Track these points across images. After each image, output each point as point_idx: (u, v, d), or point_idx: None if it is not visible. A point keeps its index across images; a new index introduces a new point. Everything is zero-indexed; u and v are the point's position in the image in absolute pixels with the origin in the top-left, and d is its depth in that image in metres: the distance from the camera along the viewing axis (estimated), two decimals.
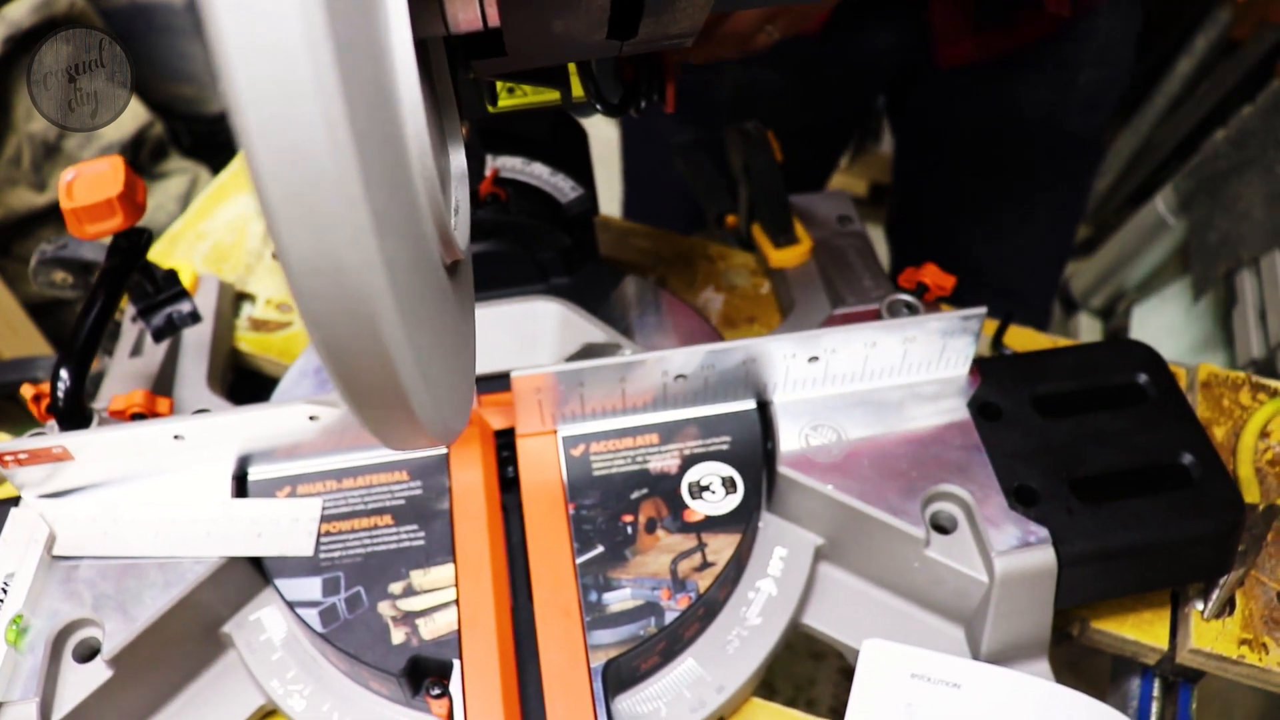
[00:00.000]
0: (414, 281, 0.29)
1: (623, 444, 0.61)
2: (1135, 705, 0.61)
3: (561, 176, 0.69)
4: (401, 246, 0.27)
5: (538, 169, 0.68)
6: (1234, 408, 0.69)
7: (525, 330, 0.69)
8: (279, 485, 0.60)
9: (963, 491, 0.57)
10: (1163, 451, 0.59)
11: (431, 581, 0.56)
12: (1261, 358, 1.19)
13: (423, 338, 0.29)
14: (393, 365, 0.26)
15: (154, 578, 0.56)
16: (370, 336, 0.25)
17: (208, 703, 0.58)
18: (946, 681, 0.54)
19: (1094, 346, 0.65)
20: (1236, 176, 1.30)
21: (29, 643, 0.53)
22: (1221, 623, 0.58)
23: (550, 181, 0.68)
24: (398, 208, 0.27)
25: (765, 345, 0.59)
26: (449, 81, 0.38)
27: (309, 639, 0.57)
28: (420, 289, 0.30)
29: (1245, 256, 1.25)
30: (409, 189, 0.29)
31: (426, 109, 0.30)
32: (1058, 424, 0.60)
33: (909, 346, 0.60)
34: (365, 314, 0.24)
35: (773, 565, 0.60)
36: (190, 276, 0.77)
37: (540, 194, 0.70)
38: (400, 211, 0.28)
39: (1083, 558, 0.54)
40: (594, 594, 0.55)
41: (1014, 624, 0.56)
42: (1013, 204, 1.07)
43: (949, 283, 0.69)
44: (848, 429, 0.61)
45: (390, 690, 0.55)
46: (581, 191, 0.69)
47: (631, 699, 0.55)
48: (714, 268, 0.81)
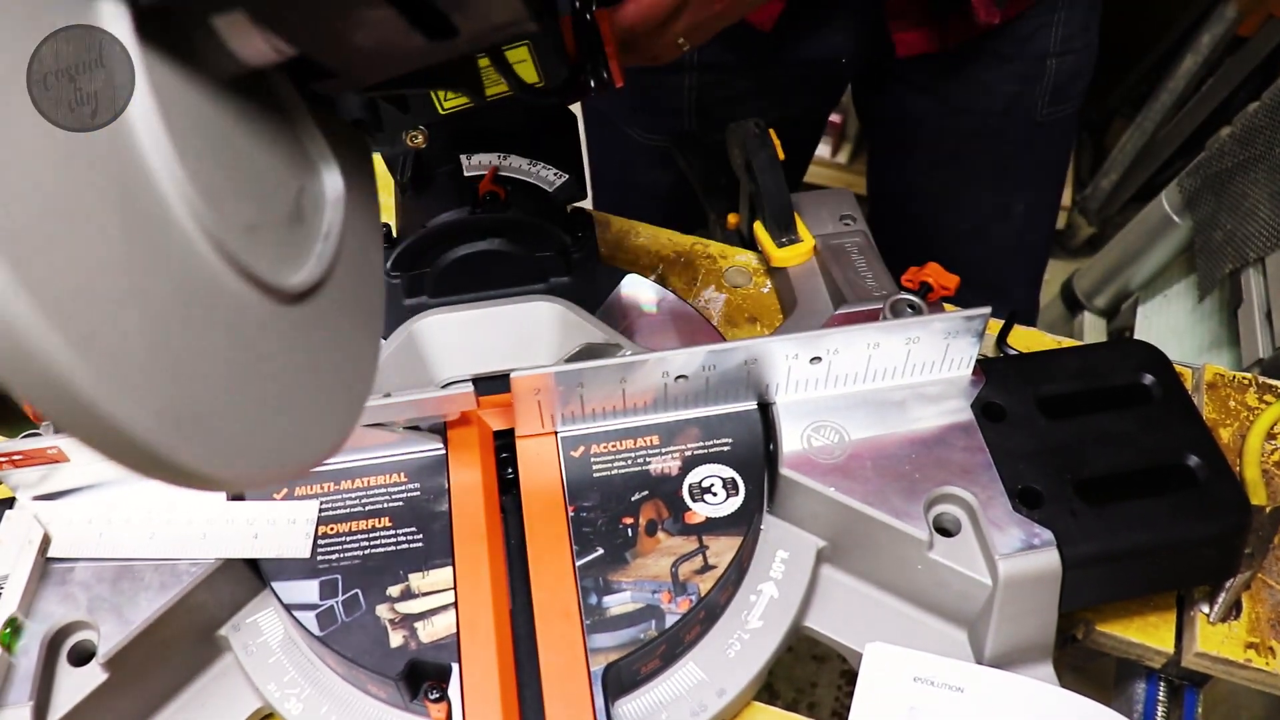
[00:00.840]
0: (174, 322, 0.27)
1: (623, 445, 0.61)
2: (1140, 709, 0.60)
3: (542, 166, 0.67)
4: (134, 291, 0.26)
5: (515, 162, 0.67)
6: (1240, 409, 0.68)
7: (524, 330, 0.68)
8: (275, 487, 0.60)
9: (966, 493, 0.56)
10: (1168, 453, 0.58)
11: (430, 584, 0.56)
12: (1267, 357, 1.18)
13: (192, 382, 0.27)
14: (105, 420, 0.24)
15: (150, 580, 0.55)
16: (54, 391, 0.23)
17: (204, 706, 0.58)
18: (950, 685, 0.54)
19: (1099, 347, 0.64)
20: (1242, 174, 1.29)
21: (23, 646, 0.53)
22: (1228, 626, 0.58)
23: (530, 172, 0.67)
24: (121, 257, 0.26)
25: (767, 345, 0.58)
26: (301, 105, 0.37)
27: (306, 642, 0.56)
28: (196, 330, 0.28)
29: (1251, 255, 1.24)
30: (149, 238, 0.28)
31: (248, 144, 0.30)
32: (1062, 425, 0.59)
33: (912, 347, 0.60)
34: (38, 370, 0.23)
35: (774, 568, 0.59)
36: None
37: (538, 191, 0.69)
38: (130, 260, 0.26)
39: (1087, 560, 0.54)
40: (594, 597, 0.55)
41: (1018, 627, 0.55)
42: (988, 198, 1.07)
43: (952, 282, 0.68)
44: (850, 430, 0.60)
45: (388, 694, 0.54)
46: (566, 178, 0.68)
47: (632, 703, 0.55)
48: (715, 267, 0.81)
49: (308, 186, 0.37)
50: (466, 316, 0.68)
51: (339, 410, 0.36)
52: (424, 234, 0.67)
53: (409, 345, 0.67)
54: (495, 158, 0.67)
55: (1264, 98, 1.29)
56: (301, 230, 0.35)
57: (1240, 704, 1.37)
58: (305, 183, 0.37)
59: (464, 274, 0.69)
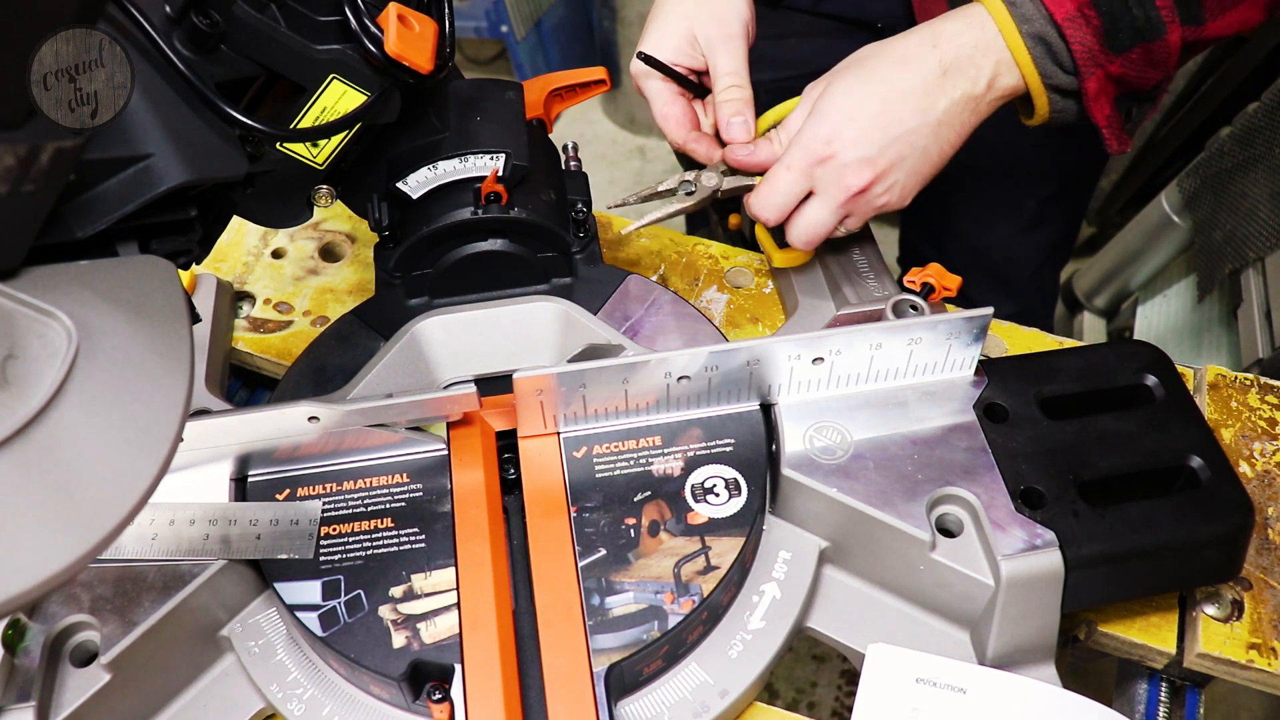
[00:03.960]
0: None
1: (625, 446, 0.61)
2: (1142, 710, 0.60)
3: (475, 157, 0.66)
4: None
5: (446, 167, 0.67)
6: (1242, 409, 0.68)
7: (527, 331, 0.68)
8: (278, 487, 0.60)
9: (968, 494, 0.56)
10: (1170, 454, 0.58)
11: (432, 585, 0.55)
12: (1267, 357, 1.18)
13: None
14: None
15: (152, 581, 0.55)
16: None
17: (206, 707, 0.58)
18: (952, 686, 0.54)
19: (1100, 347, 0.64)
20: (1242, 174, 1.29)
21: (26, 647, 0.53)
22: (1230, 627, 0.58)
23: (463, 169, 0.66)
24: None
25: (769, 346, 0.58)
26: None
27: (309, 643, 0.56)
28: None
29: (1251, 255, 1.24)
30: None
31: None
32: (1064, 426, 0.59)
33: (914, 348, 0.60)
34: None
35: (777, 568, 0.59)
36: (188, 275, 0.77)
37: (540, 188, 0.69)
38: None
39: (1090, 561, 0.54)
40: (596, 597, 0.55)
41: (1020, 628, 0.55)
42: (999, 194, 1.06)
43: (955, 283, 0.68)
44: (852, 431, 0.60)
45: (391, 695, 0.54)
46: (505, 153, 0.66)
47: (634, 703, 0.55)
48: (717, 267, 0.81)
49: (14, 352, 0.37)
50: (469, 317, 0.68)
51: (68, 530, 0.36)
52: (426, 234, 0.67)
53: (411, 346, 0.67)
54: (428, 170, 0.66)
55: (1264, 98, 1.29)
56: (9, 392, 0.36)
57: (1240, 704, 1.37)
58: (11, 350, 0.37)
59: (466, 274, 0.69)
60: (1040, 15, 0.61)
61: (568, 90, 0.76)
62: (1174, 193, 1.45)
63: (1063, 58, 0.62)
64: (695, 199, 0.70)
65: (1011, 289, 1.14)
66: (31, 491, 0.35)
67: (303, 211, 0.63)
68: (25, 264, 0.40)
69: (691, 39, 0.73)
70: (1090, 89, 0.63)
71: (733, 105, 0.71)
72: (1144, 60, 0.62)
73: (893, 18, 0.96)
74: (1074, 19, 0.61)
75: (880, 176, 0.65)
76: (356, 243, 0.85)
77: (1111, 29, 0.61)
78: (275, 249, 0.84)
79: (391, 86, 0.57)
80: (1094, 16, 0.60)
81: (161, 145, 0.45)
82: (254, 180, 0.58)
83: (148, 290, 0.42)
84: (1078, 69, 0.62)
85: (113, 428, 0.38)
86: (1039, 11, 0.61)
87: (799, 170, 0.65)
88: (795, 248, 0.70)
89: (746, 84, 0.71)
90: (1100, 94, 0.64)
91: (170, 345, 0.41)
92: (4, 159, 0.35)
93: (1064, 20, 0.61)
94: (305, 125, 0.56)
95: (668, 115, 0.75)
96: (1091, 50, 0.61)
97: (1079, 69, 0.62)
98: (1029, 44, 0.62)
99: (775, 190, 0.66)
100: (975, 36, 0.63)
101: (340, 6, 0.53)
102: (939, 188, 1.10)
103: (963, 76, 0.63)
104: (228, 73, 0.52)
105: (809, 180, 0.66)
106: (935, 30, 0.65)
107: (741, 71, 0.71)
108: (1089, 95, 0.64)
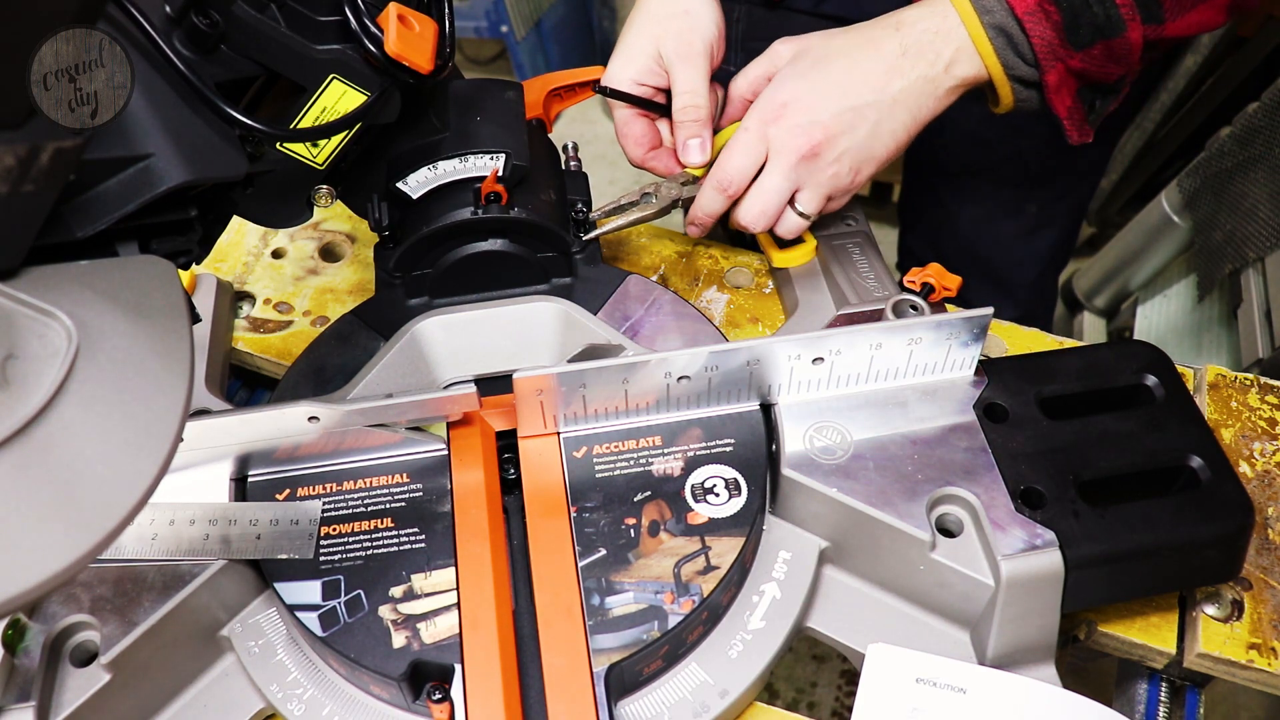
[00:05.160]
0: None
1: (625, 446, 0.61)
2: (1142, 710, 0.60)
3: (475, 157, 0.66)
4: None
5: (446, 167, 0.67)
6: (1242, 409, 0.68)
7: (526, 331, 0.68)
8: (278, 487, 0.60)
9: (968, 494, 0.56)
10: (1170, 454, 0.58)
11: (432, 585, 0.55)
12: (1267, 357, 1.18)
13: None
14: None
15: (152, 581, 0.55)
16: None
17: (206, 707, 0.58)
18: (952, 686, 0.54)
19: (1100, 347, 0.64)
20: (1242, 175, 1.29)
21: (26, 646, 0.53)
22: (1230, 627, 0.58)
23: (463, 169, 0.67)
24: None
25: (769, 346, 0.58)
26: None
27: (309, 643, 0.56)
28: None
29: (1251, 255, 1.24)
30: None
31: None
32: (1064, 426, 0.59)
33: (914, 348, 0.60)
34: None
35: (777, 568, 0.59)
36: (188, 275, 0.77)
37: (540, 187, 0.69)
38: None
39: (1090, 561, 0.54)
40: (596, 597, 0.55)
41: (1020, 628, 0.55)
42: (1001, 194, 1.06)
43: (955, 283, 0.68)
44: (852, 431, 0.60)
45: (391, 695, 0.54)
46: (505, 153, 0.66)
47: (634, 704, 0.55)
48: (717, 267, 0.81)
49: (14, 352, 0.37)
50: (469, 317, 0.68)
51: (68, 530, 0.36)
52: (426, 234, 0.67)
53: (411, 346, 0.67)
54: (428, 170, 0.66)
55: (1264, 98, 1.29)
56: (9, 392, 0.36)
57: (1240, 704, 1.37)
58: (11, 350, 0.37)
59: (466, 274, 0.69)
60: (1001, 8, 0.62)
61: (567, 90, 0.76)
62: (1174, 193, 1.45)
63: (1024, 50, 0.63)
64: (656, 208, 0.73)
65: (1012, 292, 1.14)
66: (31, 491, 0.35)
67: (303, 211, 0.63)
68: (25, 264, 0.40)
69: (657, 57, 0.74)
70: (1051, 82, 0.64)
71: (688, 127, 0.73)
72: (1105, 56, 0.63)
73: None
74: (1034, 13, 0.62)
75: (828, 139, 0.66)
76: (356, 243, 0.85)
77: (1072, 24, 0.61)
78: (275, 249, 0.84)
79: (391, 86, 0.57)
80: (1054, 11, 0.61)
81: (161, 145, 0.45)
82: (254, 180, 0.58)
83: (148, 290, 0.42)
84: (1038, 62, 0.63)
85: (113, 428, 0.38)
86: (1000, 4, 0.62)
87: (755, 131, 0.68)
88: (748, 228, 0.71)
89: (704, 103, 0.73)
90: (1061, 86, 0.65)
91: (170, 345, 0.41)
92: (4, 159, 0.35)
93: (1024, 14, 0.62)
94: (305, 125, 0.56)
95: (626, 135, 0.77)
96: (1051, 44, 0.62)
97: (1039, 62, 0.63)
98: (990, 34, 0.63)
99: (734, 150, 0.69)
100: (937, 24, 0.65)
101: (340, 6, 0.53)
102: (939, 190, 1.11)
103: (921, 59, 0.65)
104: (228, 73, 0.52)
105: (764, 142, 0.68)
106: (900, 16, 0.67)
107: (700, 90, 0.72)
108: (1049, 88, 0.65)
